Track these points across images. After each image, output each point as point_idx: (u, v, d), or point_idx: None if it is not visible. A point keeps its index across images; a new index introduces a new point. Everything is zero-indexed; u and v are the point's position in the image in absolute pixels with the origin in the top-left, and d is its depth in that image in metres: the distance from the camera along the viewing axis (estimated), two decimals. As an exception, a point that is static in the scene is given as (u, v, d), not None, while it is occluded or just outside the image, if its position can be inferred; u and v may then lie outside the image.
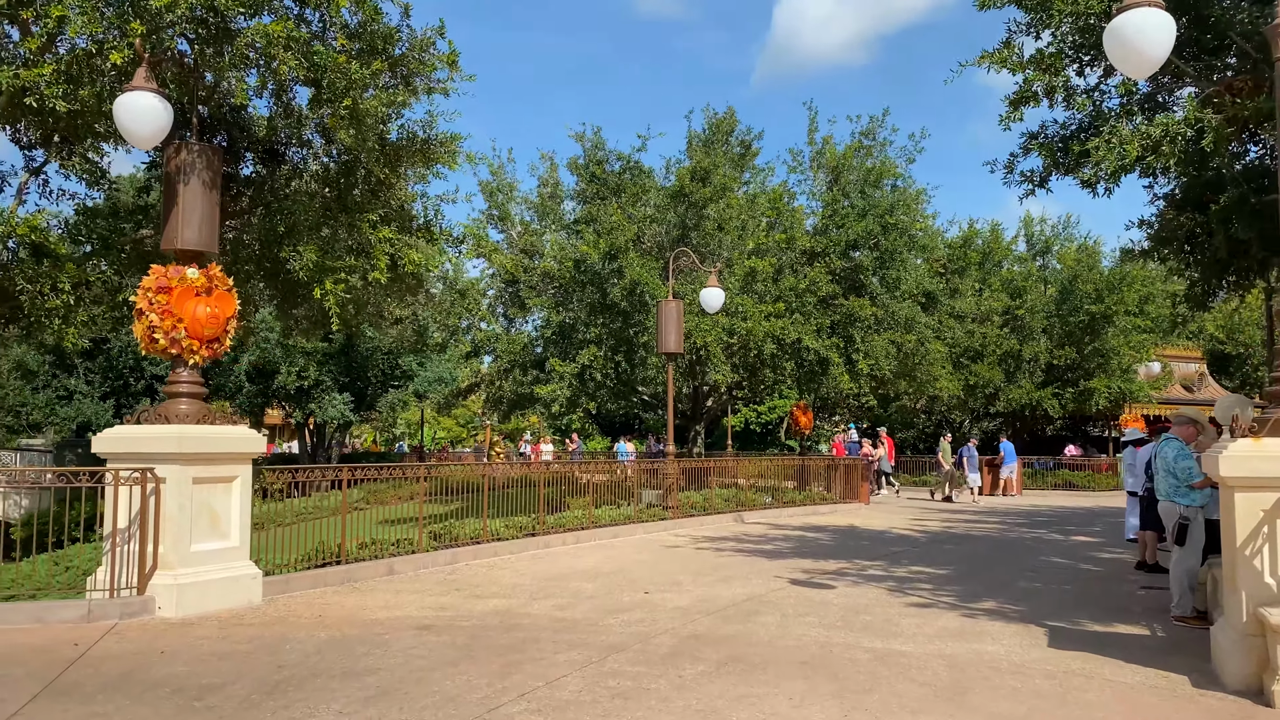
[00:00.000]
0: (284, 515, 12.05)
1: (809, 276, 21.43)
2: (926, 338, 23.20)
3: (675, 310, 18.99)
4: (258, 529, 11.38)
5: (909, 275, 23.04)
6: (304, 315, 13.34)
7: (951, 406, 37.02)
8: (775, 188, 24.13)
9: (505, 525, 14.71)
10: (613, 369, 22.29)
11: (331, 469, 11.75)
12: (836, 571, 12.90)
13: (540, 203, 25.51)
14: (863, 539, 17.36)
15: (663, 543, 16.14)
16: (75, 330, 10.99)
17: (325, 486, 16.78)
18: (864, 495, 25.37)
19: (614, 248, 21.42)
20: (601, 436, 60.48)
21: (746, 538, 17.11)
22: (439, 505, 15.75)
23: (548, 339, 24.37)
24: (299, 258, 10.60)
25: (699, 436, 26.41)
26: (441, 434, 62.27)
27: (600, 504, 17.91)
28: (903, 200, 23.13)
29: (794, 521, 20.69)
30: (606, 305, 22.68)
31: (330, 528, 11.81)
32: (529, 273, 23.75)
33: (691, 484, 20.53)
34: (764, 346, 20.51)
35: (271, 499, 11.33)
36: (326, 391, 33.12)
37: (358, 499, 21.82)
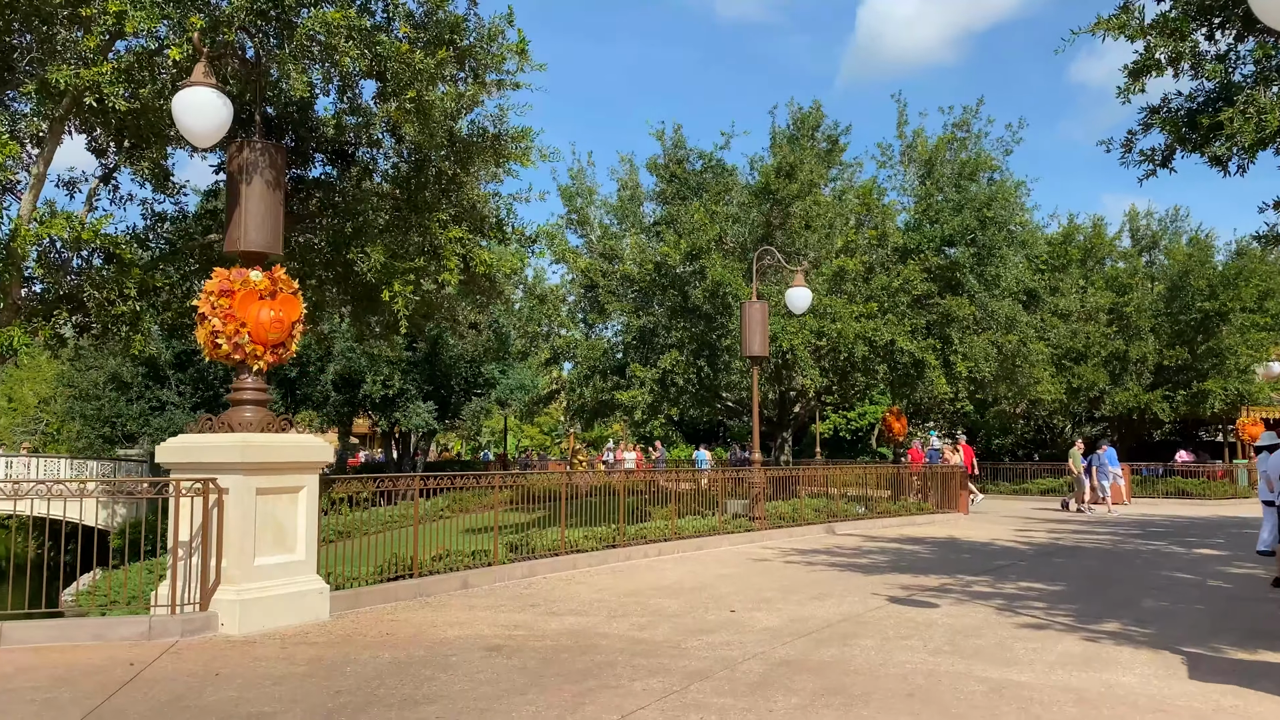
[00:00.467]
0: (361, 526, 11.69)
1: (902, 274, 20.42)
2: (1028, 338, 21.93)
3: (760, 312, 18.21)
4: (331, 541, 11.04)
5: (1009, 272, 21.82)
6: (377, 320, 12.97)
7: (1053, 411, 35.30)
8: (865, 183, 23.16)
9: (584, 536, 14.13)
10: (695, 374, 21.59)
11: (403, 478, 11.31)
12: (939, 588, 11.98)
13: (619, 205, 25.00)
14: (964, 552, 16.31)
15: (749, 556, 15.37)
16: (142, 338, 10.79)
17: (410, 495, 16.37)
18: (963, 505, 24.16)
19: (695, 248, 20.73)
20: (685, 444, 59.77)
21: (839, 550, 16.23)
22: (521, 514, 15.29)
23: (628, 344, 23.79)
24: (366, 259, 10.19)
25: (786, 444, 25.51)
26: (525, 442, 62.34)
27: (683, 514, 17.23)
28: (1001, 193, 21.94)
29: (889, 533, 19.68)
30: (688, 308, 22.00)
31: (403, 539, 11.38)
32: (608, 277, 23.22)
33: (779, 493, 19.69)
34: (855, 349, 19.57)
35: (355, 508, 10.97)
36: (411, 400, 33.17)
37: (442, 507, 21.63)
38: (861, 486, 22.10)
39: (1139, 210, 35.20)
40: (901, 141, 24.72)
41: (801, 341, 19.55)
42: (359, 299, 11.98)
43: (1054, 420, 42.84)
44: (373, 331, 13.06)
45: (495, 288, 12.68)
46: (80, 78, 8.39)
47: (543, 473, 20.29)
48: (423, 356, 33.44)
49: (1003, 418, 38.70)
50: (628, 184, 25.33)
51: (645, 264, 21.85)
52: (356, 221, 10.63)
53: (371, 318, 13.00)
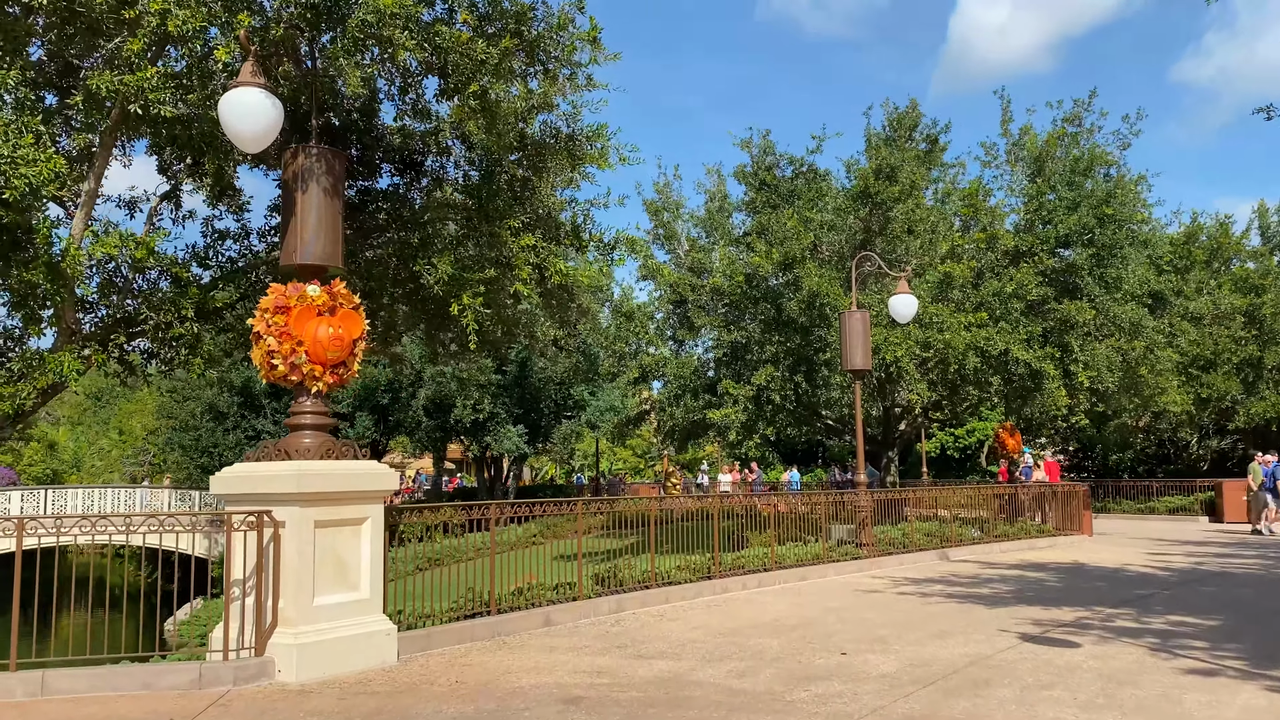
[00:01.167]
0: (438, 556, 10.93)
1: (1015, 279, 18.94)
2: (1156, 344, 20.15)
3: (861, 322, 17.00)
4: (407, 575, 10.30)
5: (1131, 273, 20.11)
6: (451, 339, 12.25)
7: (1179, 423, 32.88)
8: (970, 183, 21.74)
9: (677, 567, 13.12)
10: (792, 390, 20.43)
11: (478, 506, 10.48)
12: (1075, 623, 10.61)
13: (707, 218, 24.09)
14: (1096, 579, 14.77)
15: (857, 586, 14.14)
16: (201, 361, 10.25)
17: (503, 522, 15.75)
18: (1087, 526, 22.35)
19: (788, 258, 19.64)
20: (782, 465, 58.19)
21: (955, 579, 14.86)
22: (612, 540, 14.44)
23: (719, 360, 22.78)
24: (433, 271, 9.44)
25: (892, 463, 24.08)
26: (618, 465, 61.59)
27: (783, 540, 16.09)
28: (1119, 188, 20.30)
29: (1008, 558, 18.14)
30: (782, 321, 20.88)
31: (483, 571, 10.56)
32: (697, 291, 22.27)
33: (885, 517, 18.36)
34: (965, 360, 18.17)
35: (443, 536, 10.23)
36: (501, 424, 32.70)
37: (535, 533, 20.89)
38: (974, 508, 20.57)
39: (1269, 206, 32.64)
40: (1006, 140, 23.24)
41: (906, 353, 18.24)
42: (430, 316, 11.26)
43: (1178, 434, 40.10)
44: (447, 350, 12.32)
45: (574, 300, 11.84)
46: (125, 84, 7.84)
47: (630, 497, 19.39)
48: (512, 380, 32.98)
49: (1123, 432, 36.30)
50: (715, 195, 24.43)
51: (735, 276, 20.84)
52: (424, 232, 9.92)
53: (445, 335, 12.28)
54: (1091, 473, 46.90)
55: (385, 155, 10.57)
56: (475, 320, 9.43)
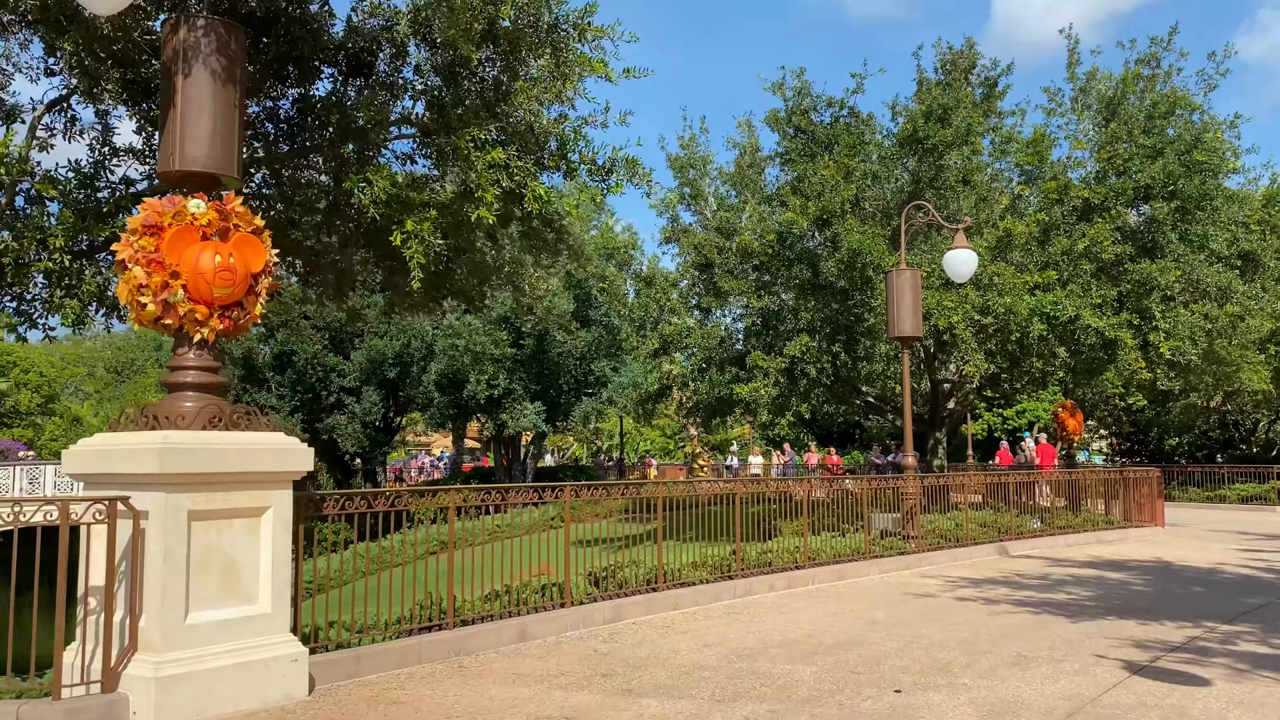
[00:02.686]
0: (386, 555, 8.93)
1: (1088, 235, 16.49)
2: (1249, 310, 17.61)
3: (911, 281, 14.71)
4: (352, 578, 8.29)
5: (1220, 231, 17.59)
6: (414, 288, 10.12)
7: (1255, 403, 30.12)
8: (1035, 129, 19.23)
9: (692, 564, 10.99)
10: (829, 362, 18.17)
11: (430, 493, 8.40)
12: (1188, 644, 8.36)
13: (736, 173, 21.77)
14: (1190, 582, 12.45)
15: (907, 588, 11.93)
16: (78, 304, 8.21)
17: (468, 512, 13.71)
18: (1159, 517, 19.94)
19: (826, 212, 17.35)
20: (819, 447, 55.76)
21: (1021, 579, 12.61)
22: (634, 525, 12.40)
23: (749, 330, 20.57)
24: (368, 188, 7.35)
25: (940, 445, 21.75)
26: (644, 446, 59.55)
27: (818, 529, 13.91)
28: (1208, 131, 17.78)
29: (1076, 554, 15.83)
30: (819, 285, 18.60)
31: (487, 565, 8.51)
32: (724, 254, 20.01)
33: (934, 504, 16.10)
34: (1030, 327, 15.80)
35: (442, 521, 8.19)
36: (518, 400, 30.71)
37: (551, 516, 18.84)
38: (1031, 494, 18.25)
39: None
40: (1073, 85, 20.67)
41: (962, 318, 15.90)
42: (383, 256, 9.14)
43: (1245, 416, 37.23)
44: (409, 300, 10.19)
45: (564, 239, 9.67)
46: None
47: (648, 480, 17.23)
48: (530, 354, 30.96)
49: (1189, 413, 33.51)
50: (746, 149, 22.09)
51: (767, 234, 18.58)
52: (364, 141, 7.82)
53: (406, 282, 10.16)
54: (1145, 458, 44.08)
55: (325, 56, 8.46)
56: (423, 254, 7.32)
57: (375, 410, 29.95)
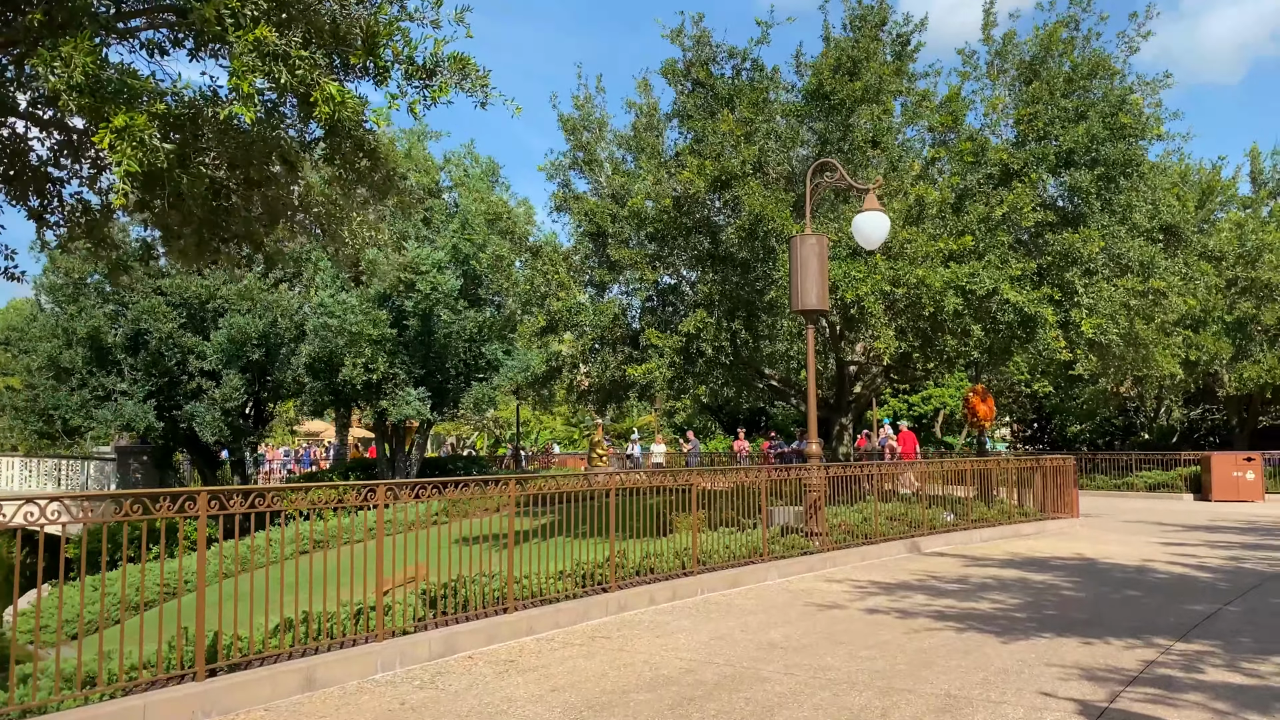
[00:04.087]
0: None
1: (1007, 201, 15.08)
2: (1173, 287, 16.46)
3: (815, 249, 13.05)
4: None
5: (1142, 200, 16.41)
6: (233, 239, 7.96)
7: (1162, 389, 29.58)
8: (951, 88, 17.78)
9: (558, 575, 9.09)
10: (728, 340, 16.46)
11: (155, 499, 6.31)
12: (1147, 672, 6.82)
13: (634, 136, 19.87)
14: (1124, 585, 11.06)
15: (810, 596, 10.25)
16: None
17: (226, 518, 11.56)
18: (1074, 507, 18.80)
19: (726, 173, 15.61)
20: (725, 435, 54.49)
21: (938, 584, 11.06)
22: (527, 520, 10.50)
23: (644, 306, 18.76)
24: (60, 68, 5.22)
25: (845, 432, 20.28)
26: (544, 435, 57.51)
27: (716, 525, 12.19)
28: (1136, 91, 16.59)
29: (994, 551, 14.45)
30: (719, 256, 16.90)
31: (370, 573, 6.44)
32: (619, 222, 18.12)
33: (840, 496, 14.54)
34: (945, 301, 14.31)
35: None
36: (400, 386, 28.32)
37: (436, 511, 16.74)
38: (940, 483, 16.87)
39: (1260, 150, 29.29)
40: (989, 48, 19.32)
41: (871, 290, 14.32)
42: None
43: (1158, 402, 36.96)
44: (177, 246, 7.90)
45: (379, 166, 7.58)
46: None
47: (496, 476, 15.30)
48: (414, 336, 28.57)
49: (1097, 399, 32.95)
50: (644, 110, 20.19)
51: (662, 199, 16.74)
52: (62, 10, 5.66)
53: (221, 239, 7.97)
54: (1047, 445, 43.85)
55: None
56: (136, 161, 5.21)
57: (237, 396, 27.19)
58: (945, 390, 38.08)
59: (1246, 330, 27.29)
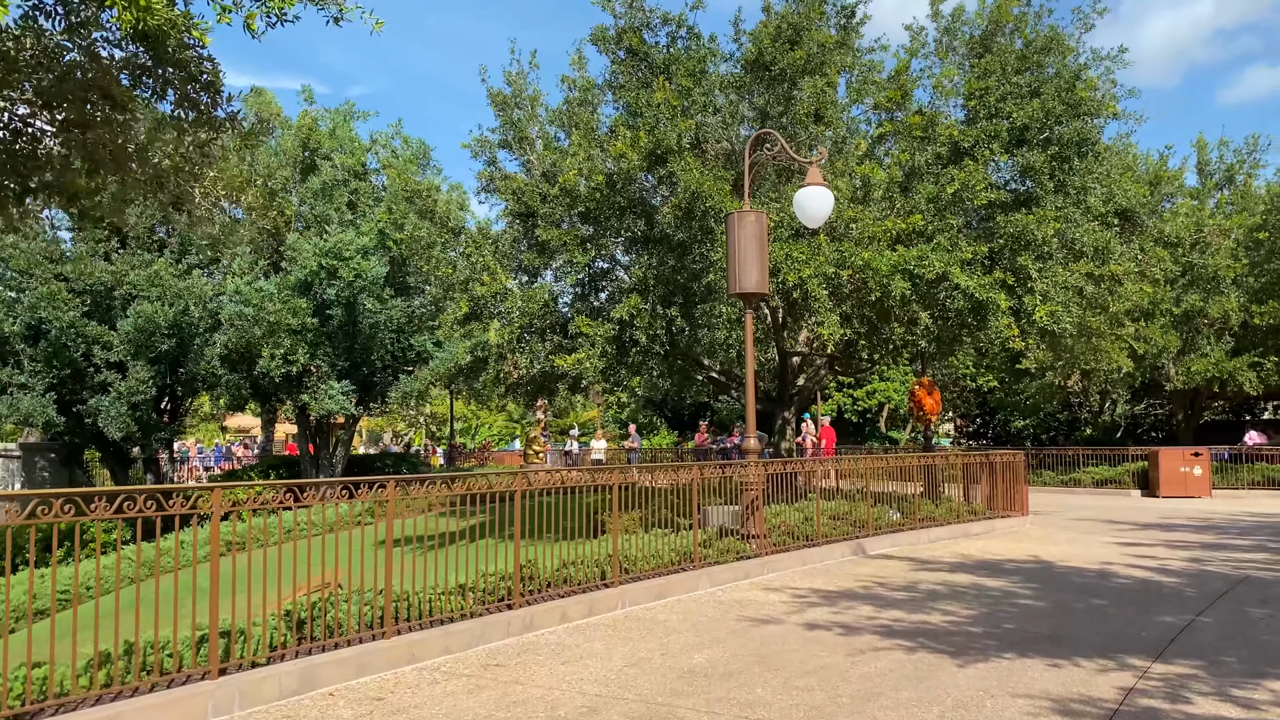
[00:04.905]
0: None
1: (958, 178, 14.14)
2: (1129, 273, 15.67)
3: (754, 227, 11.99)
4: None
5: (1097, 182, 15.61)
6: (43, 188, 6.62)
7: (1109, 383, 29.11)
8: (899, 61, 16.79)
9: (457, 590, 7.87)
10: (663, 327, 15.33)
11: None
12: (1128, 703, 5.83)
13: (567, 112, 18.64)
14: (1086, 592, 10.13)
15: (744, 608, 9.16)
16: None
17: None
18: (1025, 505, 18.01)
19: (661, 147, 14.46)
20: (669, 430, 53.43)
21: (885, 592, 10.04)
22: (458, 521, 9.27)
23: (575, 291, 17.55)
24: None
25: (787, 426, 19.27)
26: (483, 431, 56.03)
27: (650, 526, 11.07)
28: (1091, 65, 15.79)
29: (942, 552, 13.53)
30: (654, 238, 15.78)
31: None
32: (550, 202, 16.88)
33: (780, 494, 13.50)
34: (892, 286, 13.32)
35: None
36: (322, 379, 26.77)
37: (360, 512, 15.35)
38: (885, 480, 15.91)
39: (1207, 141, 28.88)
40: (937, 24, 18.46)
41: (815, 273, 13.28)
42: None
43: (1092, 398, 36.65)
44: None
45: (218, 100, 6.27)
46: None
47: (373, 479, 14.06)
48: (337, 326, 27.00)
49: (1044, 393, 32.44)
50: (577, 84, 18.96)
51: (594, 175, 15.54)
52: None
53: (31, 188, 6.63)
54: (991, 441, 43.48)
55: None
56: None
57: (145, 389, 25.41)
58: (890, 385, 37.42)
59: (1193, 323, 26.86)
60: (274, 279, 26.49)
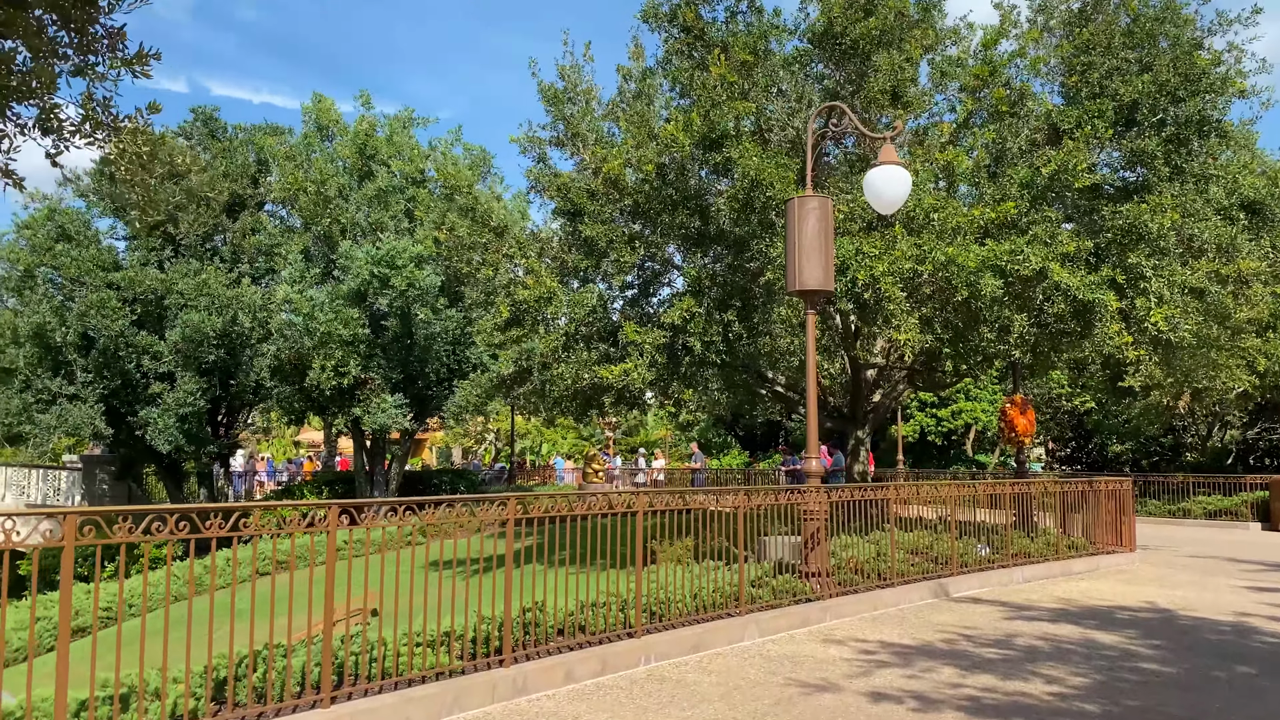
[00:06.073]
0: None
1: (1054, 160, 12.25)
2: (1257, 273, 13.54)
3: (817, 213, 10.31)
4: None
5: (1220, 170, 13.54)
6: None
7: (1222, 403, 26.44)
8: (988, 32, 14.92)
9: (442, 642, 6.37)
10: (720, 334, 13.70)
11: None
12: None
13: (623, 105, 17.22)
14: (1226, 655, 8.15)
15: (796, 668, 7.45)
16: None
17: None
18: (1132, 539, 15.83)
19: (716, 131, 12.91)
20: (740, 450, 51.45)
21: (973, 649, 8.22)
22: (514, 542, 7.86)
23: (622, 294, 16.06)
24: None
25: (862, 447, 17.43)
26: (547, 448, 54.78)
27: (701, 556, 9.43)
28: (1215, 33, 13.76)
29: (1042, 596, 11.59)
30: (709, 234, 14.22)
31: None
32: (597, 199, 15.44)
33: (850, 523, 11.66)
34: (981, 284, 11.51)
35: None
36: (375, 393, 25.76)
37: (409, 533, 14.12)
38: (971, 508, 13.94)
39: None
40: (1030, 2, 16.55)
41: (889, 270, 11.53)
42: None
43: (1199, 421, 33.69)
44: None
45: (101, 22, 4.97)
46: None
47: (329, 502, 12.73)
48: (392, 338, 26.04)
49: (1148, 415, 29.75)
50: (632, 75, 17.53)
51: (644, 165, 14.04)
52: None
53: None
54: (1085, 466, 40.57)
55: None
56: None
57: (192, 400, 24.68)
58: (977, 404, 35.04)
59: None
60: (325, 288, 25.63)
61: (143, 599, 8.19)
